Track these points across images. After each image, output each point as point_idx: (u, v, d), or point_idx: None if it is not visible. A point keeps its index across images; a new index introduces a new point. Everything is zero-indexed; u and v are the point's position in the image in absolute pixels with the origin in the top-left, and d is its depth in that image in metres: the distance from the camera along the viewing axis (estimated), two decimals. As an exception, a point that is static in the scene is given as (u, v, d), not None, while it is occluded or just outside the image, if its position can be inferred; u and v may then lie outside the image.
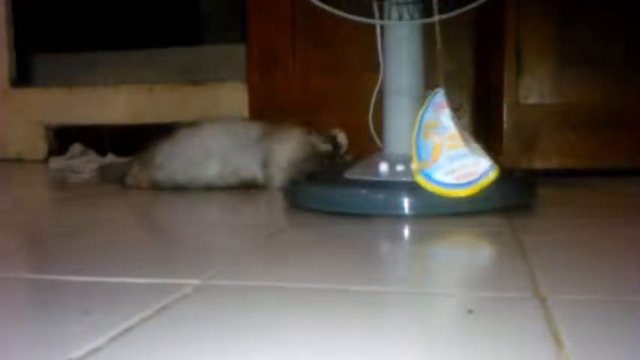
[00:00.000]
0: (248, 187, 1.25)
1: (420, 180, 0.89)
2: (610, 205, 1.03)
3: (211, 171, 1.26)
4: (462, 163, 0.87)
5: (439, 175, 0.87)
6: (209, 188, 1.26)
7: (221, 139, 1.29)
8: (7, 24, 2.21)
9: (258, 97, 1.65)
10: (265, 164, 1.25)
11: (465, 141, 0.88)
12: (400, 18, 0.98)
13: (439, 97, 0.90)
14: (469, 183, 0.87)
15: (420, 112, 0.90)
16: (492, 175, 0.86)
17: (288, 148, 1.24)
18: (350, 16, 0.96)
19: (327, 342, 0.43)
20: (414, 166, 0.90)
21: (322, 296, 0.55)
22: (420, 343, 0.43)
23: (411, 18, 0.97)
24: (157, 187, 1.29)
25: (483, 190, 0.86)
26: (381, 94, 1.06)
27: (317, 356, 0.41)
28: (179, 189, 1.27)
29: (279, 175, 1.23)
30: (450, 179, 0.87)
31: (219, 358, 0.41)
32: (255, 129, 1.31)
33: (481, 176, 0.86)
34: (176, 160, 1.28)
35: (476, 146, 0.88)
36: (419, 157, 0.89)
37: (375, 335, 0.45)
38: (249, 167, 1.25)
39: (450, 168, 0.87)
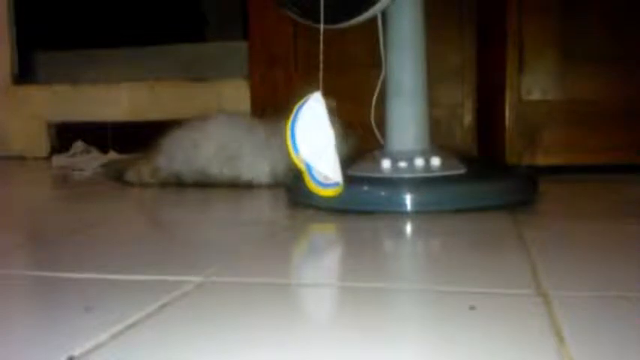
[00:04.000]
0: (246, 185, 1.24)
1: (303, 170, 0.89)
2: (613, 202, 1.03)
3: (207, 153, 1.25)
4: (320, 166, 0.88)
5: (314, 172, 0.88)
6: (206, 182, 1.25)
7: (224, 128, 1.29)
8: (8, 21, 2.21)
9: (259, 94, 1.64)
10: (271, 162, 1.24)
11: (324, 148, 0.88)
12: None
13: (312, 99, 0.89)
14: (332, 185, 0.88)
15: (292, 114, 0.89)
16: (338, 189, 0.89)
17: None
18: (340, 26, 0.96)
19: (329, 339, 0.43)
20: (293, 158, 0.89)
21: (323, 293, 0.55)
22: (422, 339, 0.43)
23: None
24: (157, 177, 1.29)
25: (483, 186, 0.85)
26: (383, 90, 1.06)
27: (320, 354, 0.41)
28: (178, 182, 1.27)
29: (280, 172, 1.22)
30: (320, 177, 0.88)
31: (220, 355, 0.41)
32: (261, 124, 1.30)
33: (334, 184, 0.88)
34: (178, 143, 1.28)
35: (332, 157, 0.88)
36: (297, 151, 0.88)
37: (377, 332, 0.45)
38: (247, 161, 1.24)
39: (320, 167, 0.88)
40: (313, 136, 0.87)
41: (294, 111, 0.88)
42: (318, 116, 0.88)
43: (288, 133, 0.87)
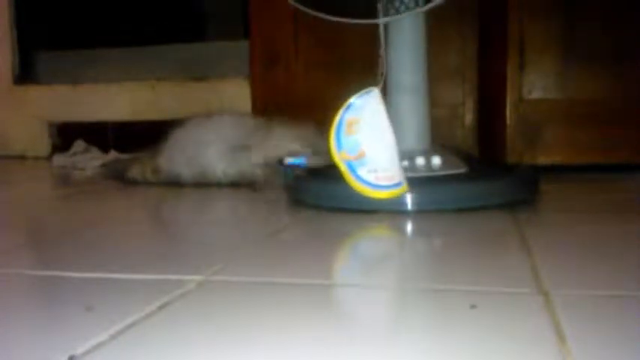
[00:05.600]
0: (248, 183, 1.24)
1: (344, 170, 0.88)
2: (613, 201, 1.03)
3: (211, 154, 1.25)
4: (383, 165, 0.86)
5: (362, 172, 0.87)
6: (206, 182, 1.25)
7: (229, 128, 1.28)
8: (10, 21, 2.21)
9: (260, 93, 1.64)
10: (249, 159, 1.23)
11: (387, 146, 0.87)
12: (397, 12, 0.97)
13: (371, 95, 0.88)
14: (387, 186, 0.87)
15: (343, 109, 0.88)
16: (401, 189, 0.87)
17: (269, 147, 1.22)
18: (349, 21, 0.96)
19: (330, 338, 0.43)
20: (334, 156, 0.88)
21: (325, 292, 0.55)
22: (423, 338, 0.43)
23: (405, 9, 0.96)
24: (158, 176, 1.29)
25: (484, 185, 0.85)
26: (384, 89, 1.06)
27: (320, 353, 0.41)
28: (178, 181, 1.27)
29: (258, 172, 1.21)
30: (371, 178, 0.87)
31: (220, 355, 0.41)
32: (261, 124, 1.30)
33: (396, 185, 0.87)
34: (180, 142, 1.28)
35: (392, 155, 0.87)
36: (340, 148, 0.87)
37: (378, 331, 0.45)
38: (247, 160, 1.24)
39: (373, 167, 0.86)
40: (373, 135, 0.85)
41: (344, 108, 0.86)
42: (377, 114, 0.86)
43: (334, 130, 0.86)
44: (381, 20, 0.98)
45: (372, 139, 0.85)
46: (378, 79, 0.90)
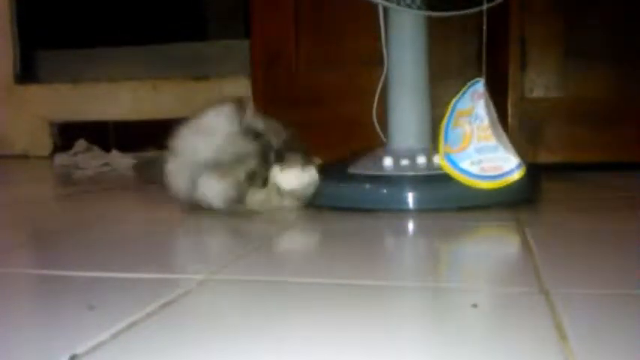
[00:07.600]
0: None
1: (444, 164, 0.88)
2: (614, 200, 1.03)
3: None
4: (490, 156, 0.87)
5: (465, 164, 0.87)
6: None
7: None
8: (10, 21, 2.21)
9: (261, 92, 1.64)
10: None
11: (497, 135, 0.87)
12: (419, 8, 0.96)
13: (478, 86, 0.89)
14: (493, 177, 0.87)
15: (455, 99, 0.90)
16: (518, 174, 0.86)
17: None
18: None
19: (331, 337, 0.43)
20: (439, 149, 0.89)
21: (326, 291, 0.55)
22: (424, 337, 0.43)
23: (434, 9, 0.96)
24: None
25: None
26: (385, 88, 1.06)
27: (321, 352, 0.41)
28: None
29: None
30: (475, 169, 0.87)
31: (222, 353, 0.41)
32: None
33: (506, 173, 0.86)
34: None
35: (507, 141, 0.88)
36: (445, 141, 0.88)
37: (379, 329, 0.45)
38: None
39: (477, 158, 0.87)
40: (481, 125, 0.85)
41: (455, 100, 0.86)
42: (485, 104, 0.86)
43: (444, 124, 0.86)
44: (380, 2, 0.96)
45: (480, 129, 0.86)
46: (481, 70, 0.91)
